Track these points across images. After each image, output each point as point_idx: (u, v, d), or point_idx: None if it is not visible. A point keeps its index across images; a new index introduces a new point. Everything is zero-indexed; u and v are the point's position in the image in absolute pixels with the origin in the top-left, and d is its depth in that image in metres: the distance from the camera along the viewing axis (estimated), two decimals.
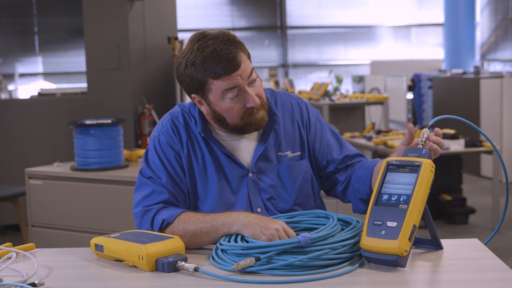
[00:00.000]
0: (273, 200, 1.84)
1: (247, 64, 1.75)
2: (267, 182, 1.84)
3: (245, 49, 1.78)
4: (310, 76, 11.70)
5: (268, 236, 1.53)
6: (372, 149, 6.03)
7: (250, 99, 1.74)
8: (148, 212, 1.73)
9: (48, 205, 3.68)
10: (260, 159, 1.84)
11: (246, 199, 1.82)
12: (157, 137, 1.84)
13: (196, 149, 1.83)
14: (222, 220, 1.64)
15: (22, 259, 1.62)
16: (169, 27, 5.51)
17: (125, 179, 3.45)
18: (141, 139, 4.92)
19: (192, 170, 1.82)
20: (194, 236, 1.66)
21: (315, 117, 1.97)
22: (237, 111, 1.75)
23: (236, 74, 1.71)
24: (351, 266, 1.47)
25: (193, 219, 1.68)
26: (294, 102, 1.96)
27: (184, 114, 1.87)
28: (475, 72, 8.24)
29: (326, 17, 11.79)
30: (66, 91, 5.72)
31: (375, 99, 7.90)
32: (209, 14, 11.25)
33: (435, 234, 1.58)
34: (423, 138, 1.60)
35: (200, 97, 1.78)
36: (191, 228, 1.66)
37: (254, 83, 1.77)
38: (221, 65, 1.69)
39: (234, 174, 1.83)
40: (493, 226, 5.15)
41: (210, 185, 1.82)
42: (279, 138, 1.89)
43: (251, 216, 1.62)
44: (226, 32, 1.75)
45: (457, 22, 11.35)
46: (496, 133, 7.25)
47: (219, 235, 1.64)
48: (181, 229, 1.67)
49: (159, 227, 1.69)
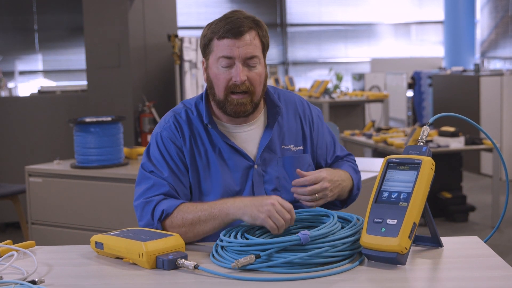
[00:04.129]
0: (277, 192, 1.87)
1: (252, 46, 1.79)
2: (272, 174, 1.87)
3: (263, 36, 1.84)
4: (310, 74, 11.69)
5: (266, 213, 1.57)
6: (372, 147, 6.03)
7: (236, 73, 1.78)
8: (149, 204, 1.75)
9: (48, 202, 3.68)
10: (265, 150, 1.88)
11: (250, 190, 1.85)
12: (160, 133, 1.86)
13: (199, 144, 1.85)
14: (219, 207, 1.67)
15: (22, 256, 1.62)
16: (169, 25, 5.51)
17: (125, 176, 3.45)
18: (141, 137, 4.92)
19: (195, 165, 1.84)
20: (193, 225, 1.69)
21: (317, 116, 2.01)
22: (223, 81, 1.80)
23: (236, 44, 1.77)
24: (351, 263, 1.47)
25: (192, 208, 1.71)
26: (297, 99, 2.01)
27: (187, 111, 1.89)
28: (475, 69, 8.24)
29: (326, 14, 11.78)
30: (66, 89, 5.72)
31: (375, 96, 7.90)
32: (209, 11, 11.24)
33: (435, 231, 1.58)
34: (423, 136, 1.59)
35: (205, 61, 1.86)
36: (190, 217, 1.69)
37: (253, 68, 1.80)
38: (227, 27, 1.77)
39: (239, 166, 1.85)
40: (493, 224, 5.15)
41: (213, 180, 1.83)
42: (283, 131, 1.92)
43: (246, 199, 1.65)
44: (254, 16, 1.83)
45: (457, 19, 11.34)
46: (496, 131, 7.25)
47: (217, 223, 1.67)
48: (180, 219, 1.70)
49: (159, 217, 1.72)
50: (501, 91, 7.30)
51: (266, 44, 1.85)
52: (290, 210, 1.60)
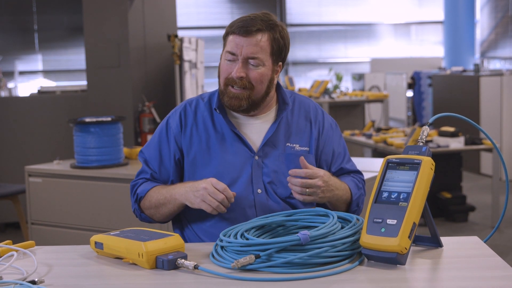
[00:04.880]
0: (273, 185, 1.92)
1: (257, 47, 1.84)
2: (271, 167, 1.92)
3: (276, 40, 1.88)
4: (310, 74, 11.69)
5: (200, 197, 1.74)
6: (372, 147, 6.03)
7: (233, 70, 1.86)
8: (134, 187, 1.98)
9: (48, 202, 3.68)
10: (268, 144, 1.93)
11: (249, 177, 1.90)
12: (168, 119, 2.00)
13: (200, 130, 1.94)
14: (171, 191, 1.85)
15: (22, 257, 1.62)
16: (169, 24, 5.51)
17: (125, 176, 3.45)
18: (141, 137, 4.92)
19: (193, 152, 1.93)
20: (157, 207, 1.88)
21: (329, 124, 2.04)
22: (223, 74, 1.89)
23: (241, 42, 1.84)
24: (351, 263, 1.47)
25: (156, 192, 1.89)
26: (312, 104, 2.06)
27: (198, 99, 2.01)
28: (475, 70, 8.24)
29: (326, 14, 11.78)
30: (66, 89, 5.72)
31: (375, 97, 7.90)
32: (209, 11, 11.24)
33: (435, 231, 1.58)
34: (423, 136, 1.60)
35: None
36: (153, 200, 1.89)
37: (255, 67, 1.85)
38: (239, 24, 1.86)
39: (240, 153, 1.91)
40: (493, 224, 5.15)
41: (212, 165, 1.90)
42: (290, 129, 1.97)
43: (187, 185, 1.81)
44: (274, 21, 1.90)
45: (457, 20, 11.35)
46: (496, 131, 7.25)
47: (171, 206, 1.86)
48: (148, 202, 1.90)
49: (135, 199, 1.95)
50: (501, 91, 7.31)
51: (278, 48, 1.89)
52: (224, 189, 1.72)
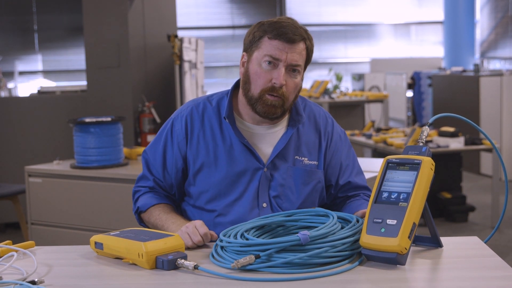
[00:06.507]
0: (279, 199, 1.87)
1: (300, 55, 1.82)
2: (278, 181, 1.87)
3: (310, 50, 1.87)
4: (309, 74, 11.68)
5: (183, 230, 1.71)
6: (372, 147, 6.03)
7: (277, 76, 1.79)
8: (136, 193, 2.00)
9: (47, 203, 3.68)
10: (278, 156, 1.88)
11: (255, 192, 1.86)
12: (173, 120, 1.95)
13: (208, 139, 1.88)
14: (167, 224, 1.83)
15: (22, 257, 1.62)
16: (169, 25, 5.52)
17: (125, 177, 3.45)
18: (141, 137, 4.92)
19: (199, 160, 1.88)
20: (154, 227, 1.89)
21: (338, 135, 1.99)
22: (262, 80, 1.81)
23: (286, 48, 1.79)
24: (351, 264, 1.47)
25: (156, 213, 1.89)
26: (322, 114, 2.00)
27: (205, 103, 1.93)
28: (475, 70, 8.24)
29: (326, 14, 11.78)
30: (66, 89, 5.71)
31: (374, 97, 7.90)
32: (209, 12, 11.24)
33: (434, 232, 1.58)
34: (423, 136, 1.60)
35: (247, 56, 1.86)
36: (152, 221, 1.91)
37: (293, 76, 1.82)
38: (282, 30, 1.79)
39: (248, 165, 1.86)
40: (493, 224, 5.15)
41: (218, 175, 1.86)
42: (300, 142, 1.92)
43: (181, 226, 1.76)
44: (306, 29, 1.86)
45: (457, 20, 11.35)
46: (496, 131, 7.25)
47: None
48: (147, 218, 1.93)
49: (135, 211, 1.97)
50: (501, 91, 7.31)
51: (308, 58, 1.87)
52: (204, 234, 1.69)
